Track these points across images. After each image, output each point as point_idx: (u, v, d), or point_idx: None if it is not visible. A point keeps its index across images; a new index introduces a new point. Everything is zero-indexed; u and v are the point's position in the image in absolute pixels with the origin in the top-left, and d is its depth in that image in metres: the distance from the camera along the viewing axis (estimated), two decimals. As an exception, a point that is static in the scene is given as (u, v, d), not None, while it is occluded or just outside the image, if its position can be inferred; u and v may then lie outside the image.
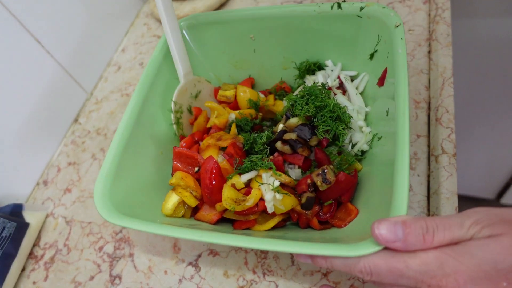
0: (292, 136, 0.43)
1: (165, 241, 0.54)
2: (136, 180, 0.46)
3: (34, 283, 0.55)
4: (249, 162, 0.43)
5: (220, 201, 0.42)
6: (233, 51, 0.56)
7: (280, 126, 0.45)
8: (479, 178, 1.33)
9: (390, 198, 0.34)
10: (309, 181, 0.41)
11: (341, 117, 0.43)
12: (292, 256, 0.48)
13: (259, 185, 0.42)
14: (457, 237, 0.29)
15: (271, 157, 0.44)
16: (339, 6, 0.47)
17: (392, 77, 0.41)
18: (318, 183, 0.40)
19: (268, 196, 0.41)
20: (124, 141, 0.45)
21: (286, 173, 0.44)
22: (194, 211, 0.47)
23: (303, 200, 0.41)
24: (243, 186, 0.43)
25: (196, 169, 0.47)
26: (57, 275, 0.55)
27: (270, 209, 0.41)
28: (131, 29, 0.86)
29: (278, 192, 0.41)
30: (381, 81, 0.44)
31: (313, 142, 0.43)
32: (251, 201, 0.40)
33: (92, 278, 0.53)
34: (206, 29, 0.54)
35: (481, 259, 0.27)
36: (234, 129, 0.50)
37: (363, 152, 0.45)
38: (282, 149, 0.43)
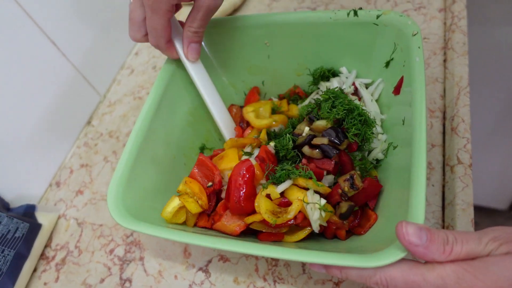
0: (323, 141, 0.42)
1: (175, 245, 0.54)
2: (149, 184, 0.46)
3: (45, 284, 0.56)
4: (284, 171, 0.41)
5: (248, 210, 0.41)
6: (248, 57, 0.56)
7: (306, 129, 0.44)
8: (491, 189, 1.32)
9: (406, 207, 0.34)
10: (340, 190, 0.40)
11: (368, 121, 0.43)
12: (303, 264, 0.47)
13: (306, 205, 0.40)
14: (474, 252, 0.29)
15: (300, 164, 0.43)
16: (355, 13, 0.47)
17: (409, 86, 0.40)
18: (346, 189, 0.39)
19: (315, 215, 0.39)
20: (138, 145, 0.45)
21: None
22: (211, 220, 0.46)
23: (344, 209, 0.40)
24: (278, 196, 0.42)
25: (209, 184, 0.46)
26: (68, 277, 0.55)
27: (316, 228, 0.40)
28: (145, 33, 0.87)
29: (325, 210, 0.39)
30: (397, 90, 0.44)
31: (343, 146, 0.42)
32: (292, 213, 0.39)
33: (102, 280, 0.54)
34: (221, 34, 0.54)
35: (498, 276, 0.27)
36: (264, 135, 0.49)
37: (377, 160, 0.45)
38: (311, 154, 0.42)
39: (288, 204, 0.41)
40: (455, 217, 0.44)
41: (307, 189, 0.41)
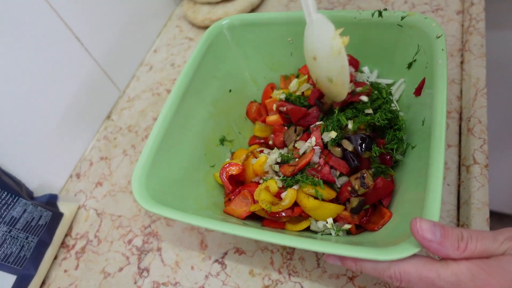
0: (349, 147, 0.42)
1: (192, 237, 0.55)
2: (171, 171, 0.48)
3: (65, 271, 0.58)
4: (293, 180, 0.44)
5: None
6: (271, 53, 0.57)
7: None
8: (505, 194, 1.30)
9: (422, 205, 0.34)
10: (349, 188, 0.41)
11: (401, 129, 0.44)
12: (318, 258, 0.48)
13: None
14: (489, 250, 0.29)
15: (313, 171, 0.44)
16: (380, 14, 0.47)
17: (430, 87, 0.41)
18: (356, 187, 0.40)
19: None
20: (162, 133, 0.47)
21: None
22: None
23: (355, 203, 0.41)
24: (276, 190, 0.44)
25: None
26: (87, 265, 0.57)
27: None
28: (164, 30, 0.89)
29: (336, 232, 0.44)
30: (418, 91, 0.44)
31: (365, 155, 0.43)
32: (286, 201, 0.41)
33: (121, 269, 0.55)
34: (247, 30, 0.55)
35: None
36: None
37: (396, 161, 0.46)
38: (333, 151, 0.43)
39: None
40: (470, 216, 0.44)
41: (314, 196, 0.43)
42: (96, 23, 0.70)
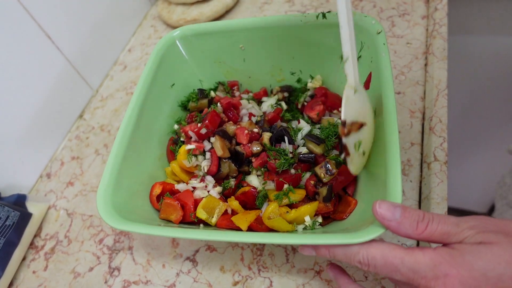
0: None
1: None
2: (136, 182, 0.48)
3: (34, 272, 0.57)
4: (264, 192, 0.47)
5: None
6: (224, 61, 0.59)
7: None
8: (472, 192, 1.36)
9: (385, 189, 0.36)
10: (312, 182, 0.43)
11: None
12: (287, 253, 0.50)
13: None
14: (449, 234, 0.30)
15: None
16: (323, 16, 0.50)
17: (377, 79, 0.43)
18: (322, 176, 0.42)
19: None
20: (124, 146, 0.47)
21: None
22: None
23: (325, 192, 0.43)
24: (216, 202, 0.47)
25: None
26: (56, 266, 0.56)
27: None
28: (139, 30, 0.89)
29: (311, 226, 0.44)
30: (367, 85, 0.46)
31: (320, 150, 0.45)
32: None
33: (91, 269, 0.55)
34: (199, 39, 0.57)
35: (472, 265, 0.28)
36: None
37: None
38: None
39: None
40: (430, 210, 0.47)
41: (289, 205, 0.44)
42: (68, 21, 0.69)
